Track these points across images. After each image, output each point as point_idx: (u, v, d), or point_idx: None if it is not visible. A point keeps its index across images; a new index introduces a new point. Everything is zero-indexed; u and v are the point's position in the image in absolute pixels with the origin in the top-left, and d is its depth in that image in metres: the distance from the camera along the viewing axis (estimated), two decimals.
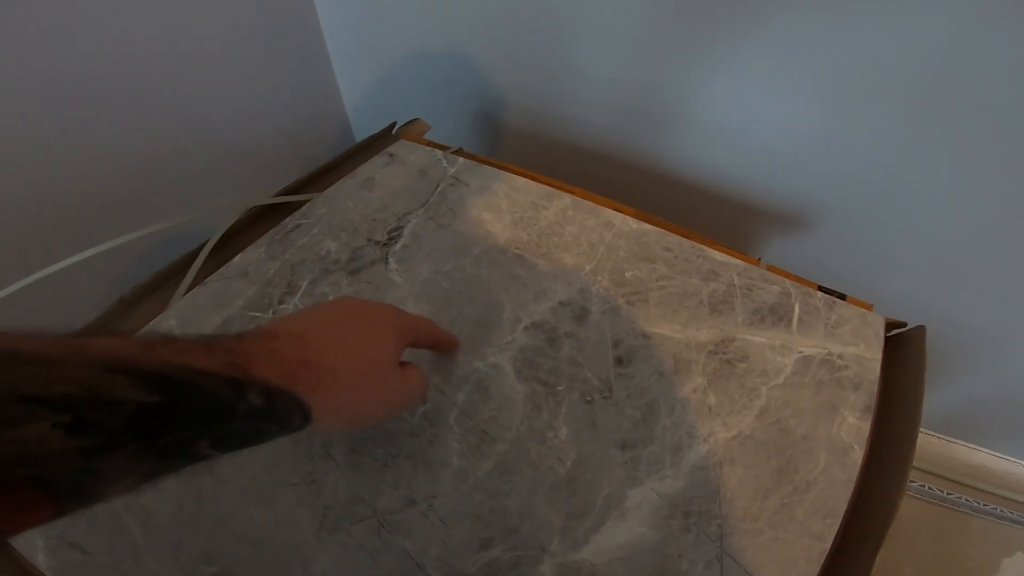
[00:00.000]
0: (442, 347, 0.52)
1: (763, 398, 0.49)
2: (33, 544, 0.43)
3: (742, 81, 0.73)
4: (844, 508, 0.43)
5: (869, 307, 0.56)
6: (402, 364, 0.43)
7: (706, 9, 0.68)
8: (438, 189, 0.69)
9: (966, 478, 1.11)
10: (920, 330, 0.53)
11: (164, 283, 0.60)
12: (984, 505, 1.08)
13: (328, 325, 0.38)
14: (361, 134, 1.19)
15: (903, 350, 0.53)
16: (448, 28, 0.92)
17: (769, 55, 0.68)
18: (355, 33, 1.01)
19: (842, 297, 0.57)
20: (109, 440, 0.24)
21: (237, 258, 0.62)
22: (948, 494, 1.09)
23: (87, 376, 0.24)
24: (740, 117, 0.76)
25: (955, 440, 1.13)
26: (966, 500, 1.09)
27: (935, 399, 1.03)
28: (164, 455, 0.26)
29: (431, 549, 0.42)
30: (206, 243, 0.63)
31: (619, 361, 0.52)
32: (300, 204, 0.68)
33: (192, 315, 0.57)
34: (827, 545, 0.42)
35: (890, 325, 0.55)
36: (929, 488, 1.10)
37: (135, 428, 0.25)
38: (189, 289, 0.59)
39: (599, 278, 0.59)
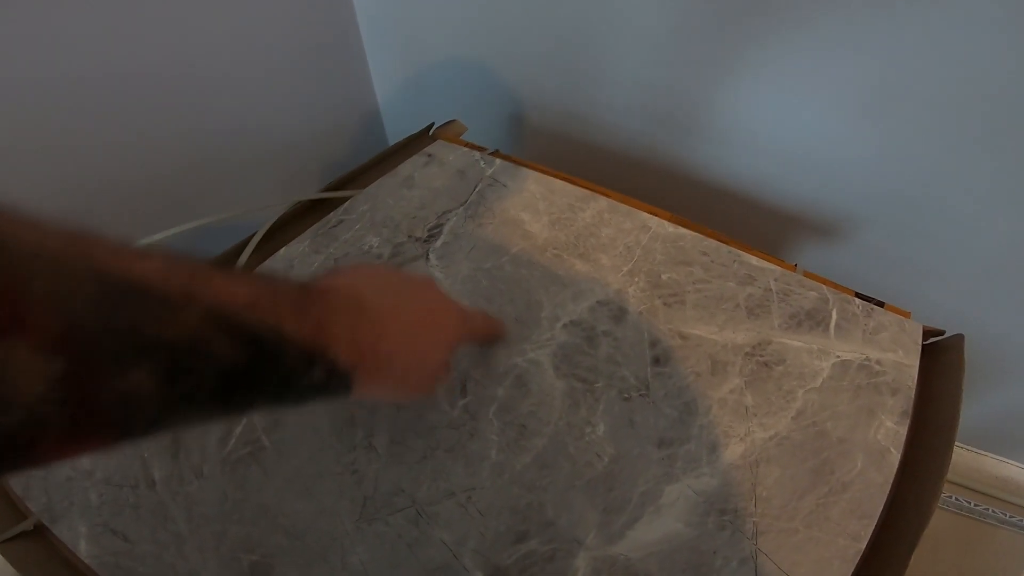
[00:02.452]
0: (492, 340, 0.54)
1: (800, 401, 0.50)
2: (76, 531, 0.44)
3: (776, 88, 0.73)
4: (880, 510, 0.44)
5: (907, 315, 0.56)
6: None
7: (738, 16, 0.69)
8: (476, 189, 0.70)
9: (994, 490, 1.09)
10: (959, 338, 0.53)
11: None
12: (1011, 517, 1.07)
13: (408, 310, 0.39)
14: (394, 135, 1.21)
15: (941, 358, 0.53)
16: (481, 33, 0.93)
17: (803, 62, 0.68)
18: (391, 38, 1.03)
19: (880, 304, 0.57)
20: (194, 392, 0.24)
21: (283, 251, 0.63)
22: (975, 505, 1.08)
23: (196, 324, 0.23)
24: (774, 124, 0.77)
25: (984, 452, 1.11)
26: (993, 512, 1.07)
27: (965, 411, 1.00)
28: (227, 409, 0.27)
29: (468, 541, 0.43)
30: (253, 236, 0.64)
31: (656, 361, 0.53)
32: (342, 200, 0.69)
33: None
34: (862, 546, 0.42)
35: (928, 333, 0.55)
36: (956, 499, 1.09)
37: (220, 385, 0.25)
38: None
39: (636, 279, 0.59)
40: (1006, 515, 1.07)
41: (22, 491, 0.47)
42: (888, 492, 0.45)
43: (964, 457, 1.12)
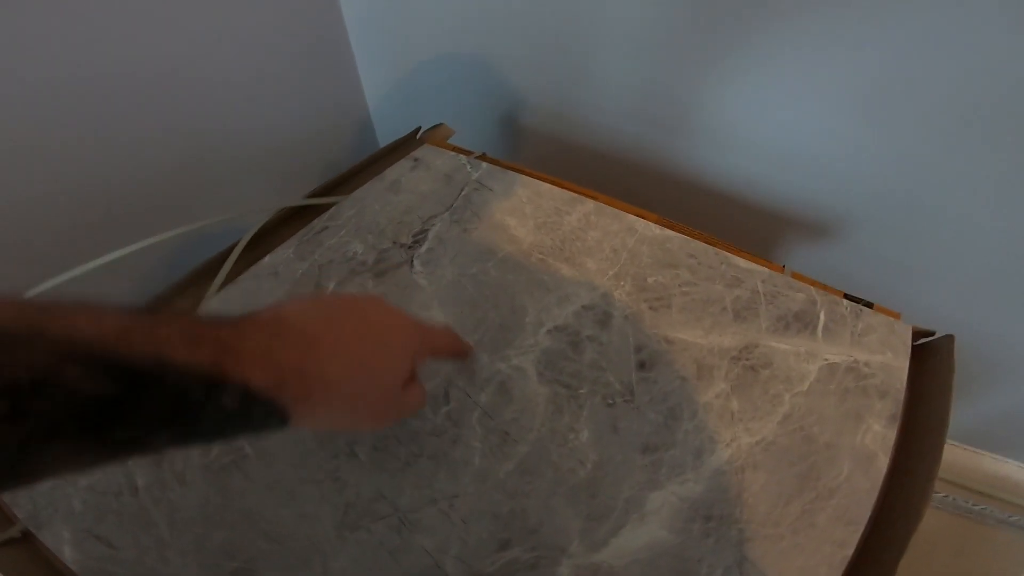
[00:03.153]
0: (458, 357, 0.52)
1: (786, 405, 0.49)
2: (59, 536, 0.44)
3: (766, 87, 0.72)
4: (867, 516, 0.43)
5: (897, 316, 0.56)
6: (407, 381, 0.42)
7: (728, 16, 0.68)
8: (462, 193, 0.70)
9: (992, 489, 1.09)
10: (948, 339, 0.52)
11: (198, 281, 0.62)
12: (1009, 516, 1.06)
13: (345, 331, 0.37)
14: (384, 139, 1.21)
15: (931, 359, 0.53)
16: (472, 36, 0.92)
17: (796, 60, 0.68)
18: (380, 40, 1.03)
19: (869, 306, 0.56)
20: (49, 430, 0.23)
21: (267, 258, 0.63)
22: (973, 505, 1.07)
23: (41, 360, 0.23)
24: (763, 124, 0.76)
25: (982, 451, 1.11)
26: (991, 511, 1.07)
27: (963, 410, 1.01)
28: (113, 447, 0.26)
29: (451, 548, 0.43)
30: (238, 243, 0.64)
31: (641, 365, 0.52)
32: (328, 206, 0.69)
33: (224, 312, 0.57)
34: (848, 552, 0.41)
35: (918, 334, 0.54)
36: (953, 499, 1.08)
37: (81, 420, 0.24)
38: (222, 287, 0.60)
39: (622, 283, 0.59)
40: (1005, 515, 1.06)
41: (8, 499, 0.47)
42: (876, 498, 0.44)
43: (961, 456, 1.11)
